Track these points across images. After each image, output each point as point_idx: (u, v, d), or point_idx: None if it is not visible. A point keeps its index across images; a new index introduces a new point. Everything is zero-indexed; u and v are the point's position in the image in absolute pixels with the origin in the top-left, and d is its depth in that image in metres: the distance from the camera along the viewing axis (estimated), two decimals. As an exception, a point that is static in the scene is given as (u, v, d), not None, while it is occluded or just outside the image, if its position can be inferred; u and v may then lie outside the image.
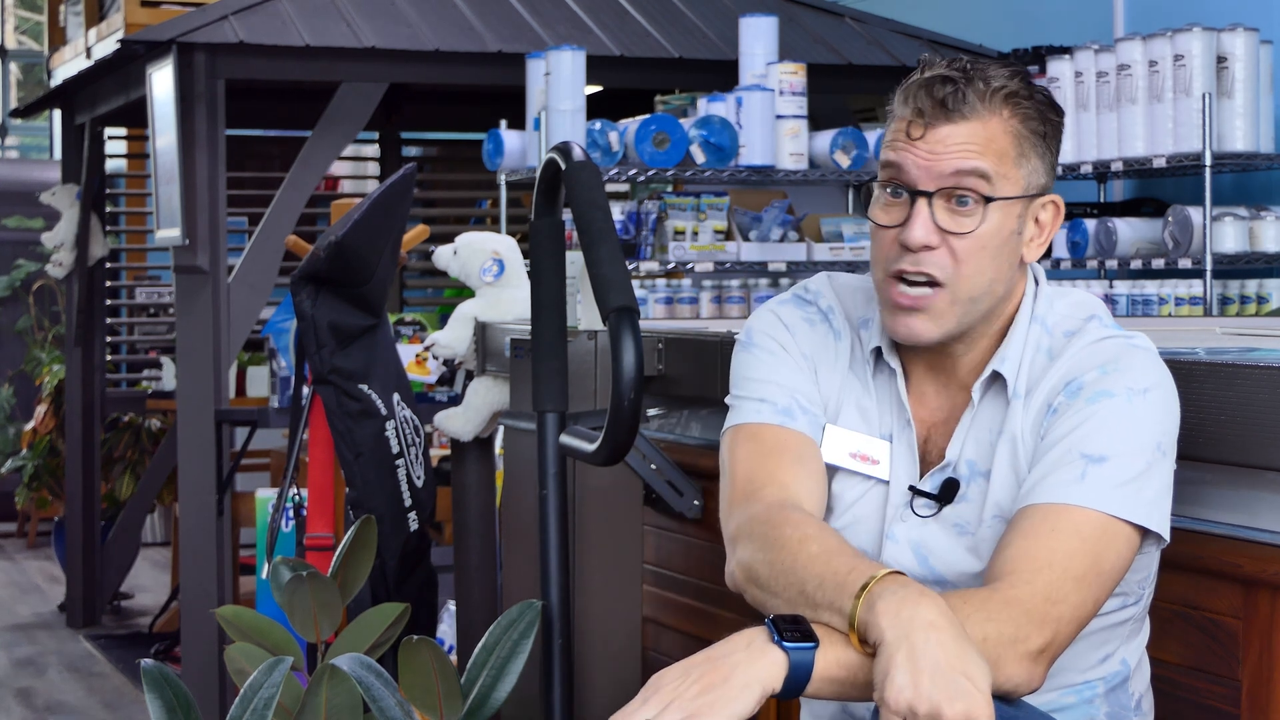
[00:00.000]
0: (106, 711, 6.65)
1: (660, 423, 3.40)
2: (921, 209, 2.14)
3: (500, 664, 3.00)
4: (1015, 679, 1.99)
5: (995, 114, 2.15)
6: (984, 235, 2.15)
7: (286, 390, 6.06)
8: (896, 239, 2.16)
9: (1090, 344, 2.18)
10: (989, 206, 2.14)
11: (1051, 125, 2.19)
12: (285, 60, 6.29)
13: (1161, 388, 2.14)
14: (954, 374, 2.24)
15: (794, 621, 1.94)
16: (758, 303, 6.25)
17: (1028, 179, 2.17)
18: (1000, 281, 2.18)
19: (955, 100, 2.14)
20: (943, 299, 2.16)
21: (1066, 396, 2.14)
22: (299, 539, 4.67)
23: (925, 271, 2.15)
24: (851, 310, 2.32)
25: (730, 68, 6.40)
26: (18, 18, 16.70)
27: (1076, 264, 6.14)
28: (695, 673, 1.92)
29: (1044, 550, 2.04)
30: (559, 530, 3.23)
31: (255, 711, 2.70)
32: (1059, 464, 2.10)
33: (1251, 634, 2.23)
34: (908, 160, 2.15)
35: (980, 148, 2.14)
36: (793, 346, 2.29)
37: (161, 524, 10.25)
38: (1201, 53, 5.61)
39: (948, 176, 2.14)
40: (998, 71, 2.17)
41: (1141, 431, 2.10)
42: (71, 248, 8.07)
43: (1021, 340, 2.21)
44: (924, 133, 2.15)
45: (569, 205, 3.04)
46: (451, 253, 4.70)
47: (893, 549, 2.22)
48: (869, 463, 2.24)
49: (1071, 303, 2.25)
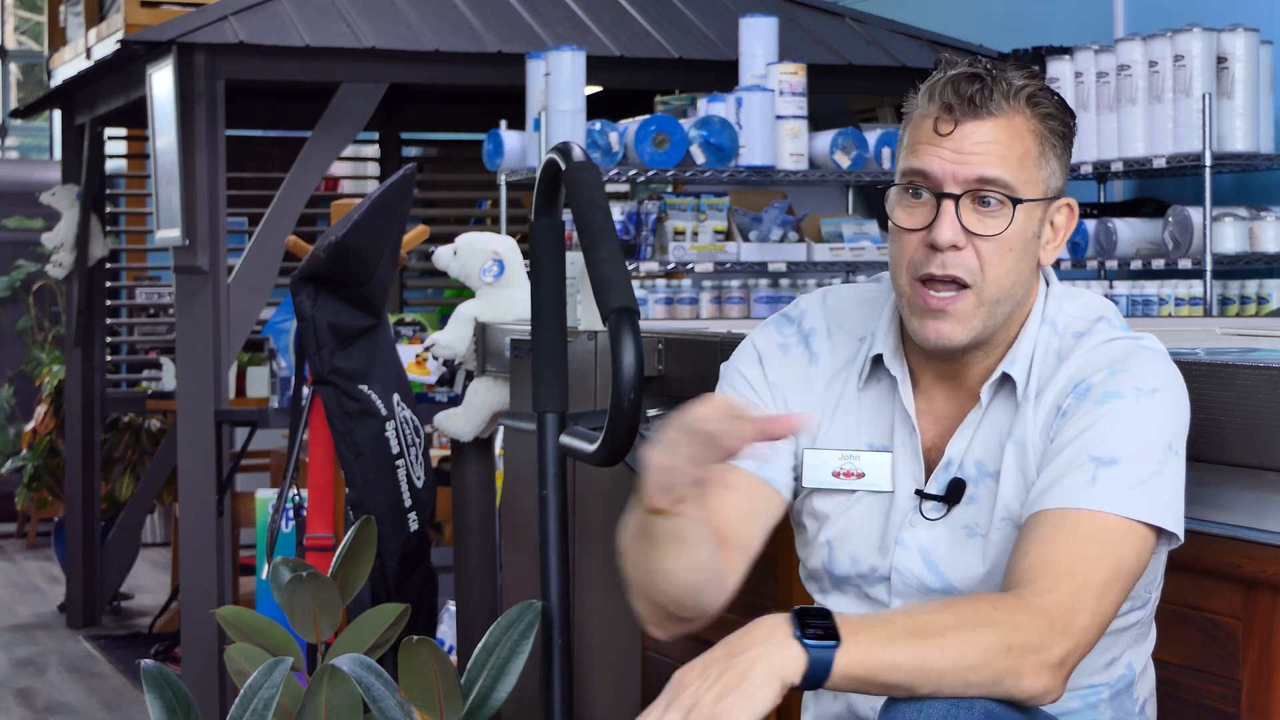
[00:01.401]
0: (106, 711, 6.66)
1: (660, 423, 3.39)
2: (948, 209, 2.14)
3: (500, 664, 3.00)
4: (1035, 689, 1.97)
5: (1019, 113, 2.15)
6: (1010, 237, 2.15)
7: (286, 390, 6.06)
8: (922, 241, 2.16)
9: (1098, 345, 2.17)
10: (1016, 209, 2.14)
11: (1068, 127, 2.20)
12: (285, 60, 6.29)
13: (1171, 387, 2.14)
14: (965, 379, 2.23)
15: (820, 615, 1.93)
16: (758, 303, 6.25)
17: (1047, 181, 2.18)
18: (1021, 284, 2.19)
19: (983, 97, 2.14)
20: (969, 301, 2.15)
21: (1075, 398, 2.13)
22: (299, 539, 4.67)
23: (952, 274, 2.15)
24: (850, 324, 2.32)
25: (730, 68, 6.40)
26: (18, 18, 16.70)
27: (1076, 264, 6.14)
28: (715, 671, 1.90)
29: (1065, 557, 2.03)
30: (559, 530, 3.23)
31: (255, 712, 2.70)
32: (1070, 468, 2.09)
33: (1251, 634, 2.23)
34: (934, 162, 2.15)
35: (1004, 148, 2.14)
36: (760, 382, 2.31)
37: (161, 524, 10.25)
38: (1201, 53, 5.61)
39: (973, 181, 2.14)
40: (1016, 73, 2.18)
41: (1151, 431, 2.10)
42: (71, 248, 8.07)
43: (1031, 342, 2.21)
44: (953, 129, 2.14)
45: (569, 205, 3.04)
46: (451, 253, 4.70)
47: (902, 556, 2.22)
48: (853, 478, 2.25)
49: (1081, 304, 2.25)
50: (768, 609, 2.05)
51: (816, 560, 2.31)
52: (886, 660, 1.92)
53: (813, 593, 2.36)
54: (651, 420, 3.41)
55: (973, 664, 1.93)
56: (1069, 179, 2.27)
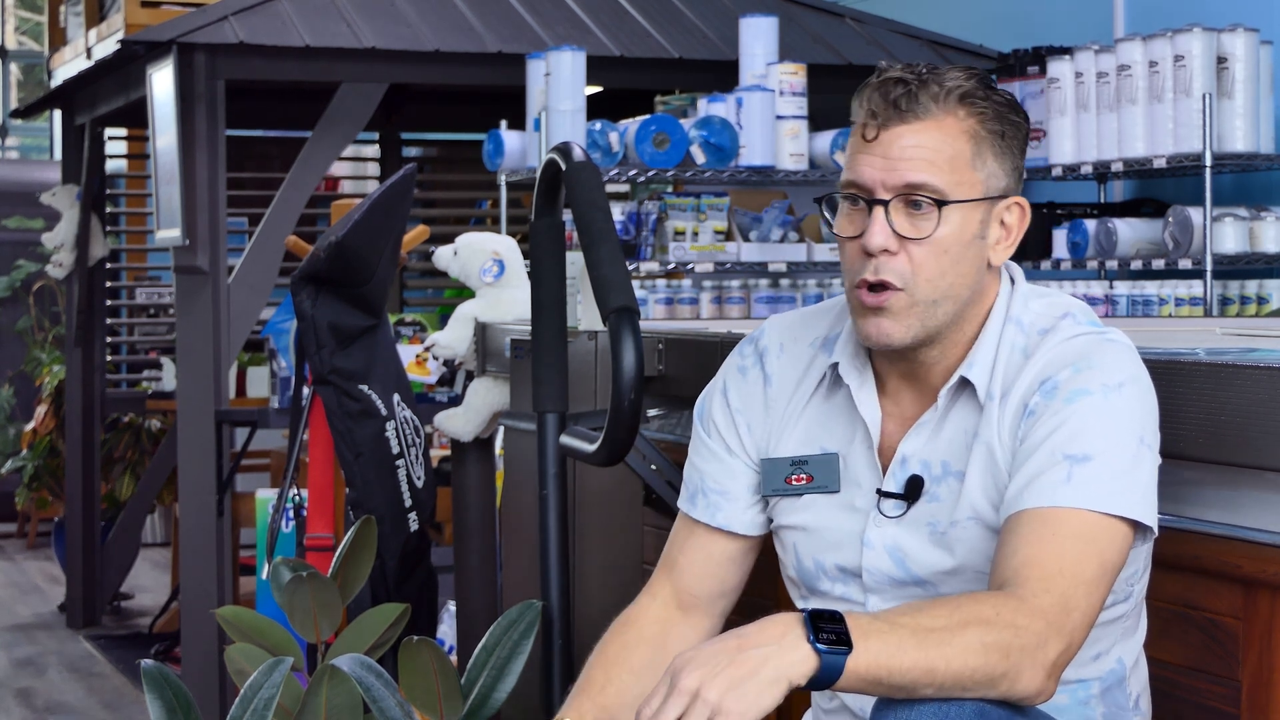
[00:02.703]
0: (106, 711, 6.66)
1: (660, 423, 3.40)
2: (878, 215, 2.17)
3: (500, 664, 3.00)
4: (1030, 689, 1.98)
5: (950, 114, 2.16)
6: (943, 240, 2.17)
7: (286, 390, 6.06)
8: (859, 247, 2.19)
9: (1062, 341, 2.18)
10: (944, 210, 2.16)
11: (1012, 125, 2.20)
12: (285, 60, 6.29)
13: (1137, 381, 2.14)
14: (927, 379, 2.25)
15: (832, 620, 1.94)
16: (758, 303, 6.25)
17: (987, 181, 2.19)
18: (963, 285, 2.20)
19: (908, 101, 2.15)
20: (902, 300, 2.18)
21: (1042, 397, 2.14)
22: (299, 539, 4.67)
23: (884, 279, 2.18)
24: (802, 335, 2.38)
25: (730, 68, 6.40)
26: (18, 18, 16.70)
27: (1076, 264, 6.14)
28: (723, 660, 1.91)
29: (1052, 556, 2.04)
30: (559, 530, 3.23)
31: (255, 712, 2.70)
32: (1045, 467, 2.10)
33: (1251, 634, 2.23)
34: (864, 170, 2.18)
35: (933, 151, 2.15)
36: (723, 411, 2.40)
37: (161, 524, 10.25)
38: (1202, 53, 5.61)
39: (901, 187, 2.16)
40: (954, 74, 2.19)
41: (1122, 427, 2.11)
42: (71, 248, 8.07)
43: (993, 343, 2.22)
44: (878, 134, 2.17)
45: (569, 205, 3.04)
46: (451, 253, 4.70)
47: (870, 555, 2.25)
48: (802, 481, 2.30)
49: (1049, 302, 2.26)
50: (768, 609, 2.05)
51: (791, 565, 2.36)
52: (894, 666, 1.92)
53: (794, 598, 2.40)
54: (651, 420, 3.41)
55: (974, 667, 1.94)
56: (1069, 178, 2.27)
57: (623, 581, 3.48)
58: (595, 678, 2.36)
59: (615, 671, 2.36)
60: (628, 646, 2.38)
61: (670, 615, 2.40)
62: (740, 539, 2.39)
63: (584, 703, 2.34)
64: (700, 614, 2.40)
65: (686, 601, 2.40)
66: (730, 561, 2.40)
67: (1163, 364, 2.31)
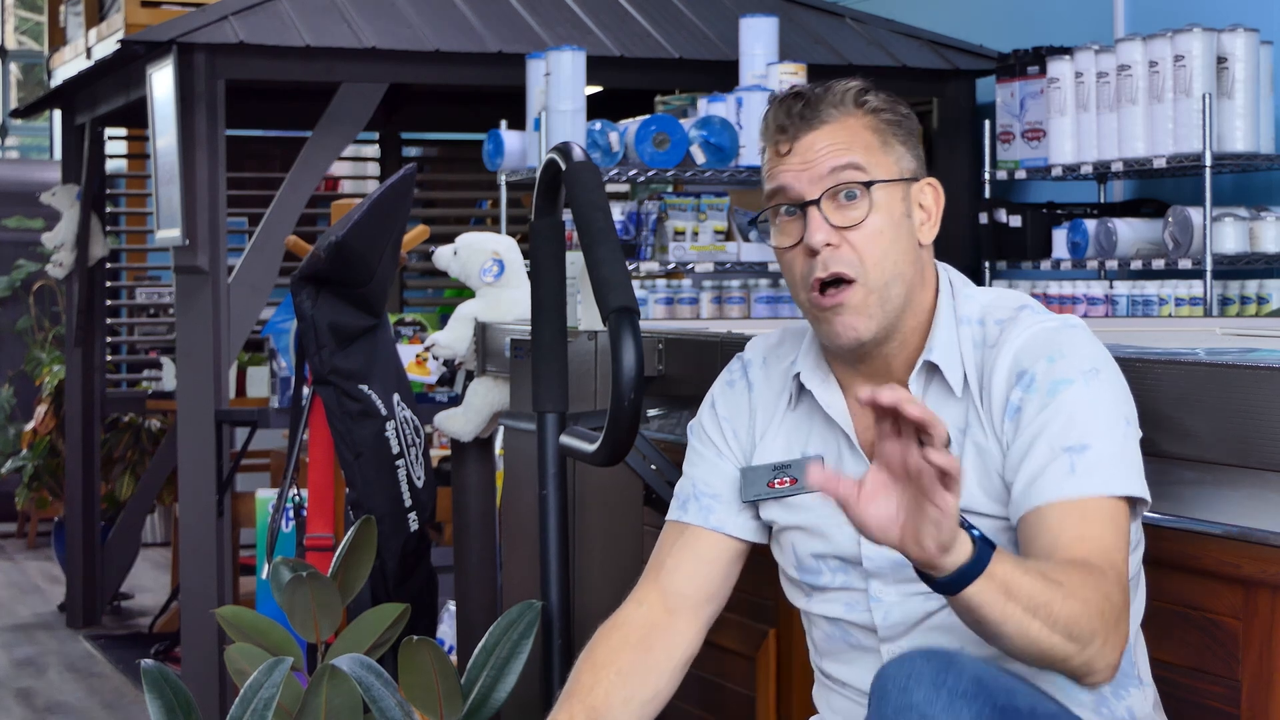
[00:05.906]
0: (106, 711, 6.66)
1: (660, 423, 3.40)
2: (813, 214, 2.26)
3: (500, 664, 3.00)
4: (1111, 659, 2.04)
5: (850, 115, 2.29)
6: (877, 221, 2.26)
7: (286, 390, 6.06)
8: (802, 252, 2.27)
9: (1029, 330, 2.24)
10: (872, 191, 2.25)
11: (905, 117, 2.33)
12: (285, 60, 6.29)
13: (1109, 364, 2.22)
14: (889, 374, 2.31)
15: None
16: (758, 303, 6.25)
17: (899, 164, 2.30)
18: (906, 263, 2.28)
19: (810, 110, 2.28)
20: (859, 292, 2.25)
21: (1023, 391, 2.20)
22: (299, 539, 4.67)
23: (835, 271, 2.25)
24: (781, 351, 2.46)
25: (730, 68, 6.40)
26: (18, 18, 16.70)
27: (1076, 264, 6.14)
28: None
29: (1095, 540, 2.09)
30: (559, 530, 3.23)
31: (255, 711, 2.70)
32: (1047, 463, 2.14)
33: (1251, 634, 2.23)
34: (786, 176, 2.28)
35: (846, 144, 2.27)
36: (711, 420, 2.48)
37: (161, 524, 10.25)
38: (1202, 53, 5.61)
39: (826, 177, 2.25)
40: (843, 81, 2.33)
41: (1107, 410, 2.17)
42: (71, 248, 8.07)
43: (948, 331, 2.28)
44: (791, 145, 2.28)
45: (569, 205, 3.04)
46: (451, 253, 4.70)
47: (870, 544, 2.26)
48: (786, 484, 2.37)
49: (997, 294, 2.34)
50: (768, 609, 2.06)
51: (791, 566, 2.41)
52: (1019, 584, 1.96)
53: (794, 600, 2.44)
54: (651, 420, 3.41)
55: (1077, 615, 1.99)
56: (1070, 178, 2.28)
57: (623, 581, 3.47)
58: (583, 680, 2.41)
59: (603, 674, 2.41)
60: (615, 649, 2.43)
61: (657, 619, 2.45)
62: (731, 542, 2.45)
63: (573, 705, 2.39)
64: (687, 618, 2.45)
65: (674, 604, 2.45)
66: (719, 564, 2.45)
67: (1163, 364, 2.32)
